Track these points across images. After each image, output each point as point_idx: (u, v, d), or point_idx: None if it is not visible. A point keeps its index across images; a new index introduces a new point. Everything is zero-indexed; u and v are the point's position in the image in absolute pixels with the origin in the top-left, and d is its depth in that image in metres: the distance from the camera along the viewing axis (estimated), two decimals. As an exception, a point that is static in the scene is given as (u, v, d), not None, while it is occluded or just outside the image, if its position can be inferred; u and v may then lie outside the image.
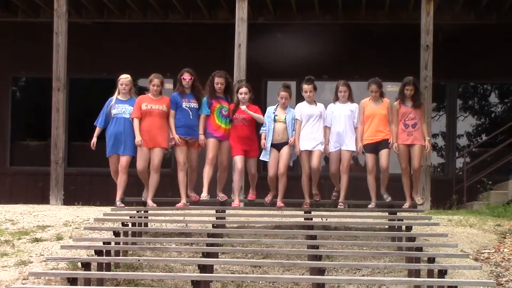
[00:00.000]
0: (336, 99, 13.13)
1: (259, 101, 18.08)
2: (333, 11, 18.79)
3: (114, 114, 12.88)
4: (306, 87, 13.03)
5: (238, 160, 12.90)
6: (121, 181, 12.82)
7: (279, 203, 12.82)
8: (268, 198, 13.02)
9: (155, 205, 12.72)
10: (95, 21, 19.49)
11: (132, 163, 12.93)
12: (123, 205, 12.82)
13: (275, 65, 19.03)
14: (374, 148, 12.90)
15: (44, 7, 18.70)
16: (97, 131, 12.96)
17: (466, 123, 20.33)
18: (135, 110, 12.77)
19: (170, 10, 19.08)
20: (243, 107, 12.81)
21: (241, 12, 15.90)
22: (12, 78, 20.76)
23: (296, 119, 12.92)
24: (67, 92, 16.57)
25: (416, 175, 13.11)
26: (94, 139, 12.89)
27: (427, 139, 13.04)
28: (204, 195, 12.83)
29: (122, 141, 12.80)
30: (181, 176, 12.84)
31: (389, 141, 12.84)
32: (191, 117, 12.81)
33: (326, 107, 13.09)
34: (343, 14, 18.85)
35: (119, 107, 12.88)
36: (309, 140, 12.87)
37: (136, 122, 12.70)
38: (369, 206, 12.95)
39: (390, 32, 19.14)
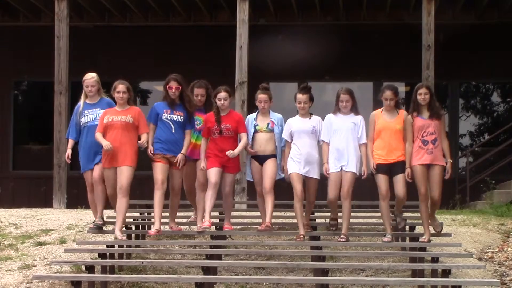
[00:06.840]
0: (338, 109, 10.91)
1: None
2: (334, 12, 18.80)
3: (84, 123, 11.15)
4: (300, 97, 10.91)
5: (213, 173, 10.83)
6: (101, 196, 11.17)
7: (267, 224, 10.88)
8: (262, 227, 10.96)
9: (124, 237, 11.01)
10: (96, 25, 19.52)
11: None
12: (101, 222, 11.25)
13: (276, 66, 19.02)
14: (387, 169, 10.77)
15: (45, 11, 18.72)
16: (70, 143, 11.28)
17: (468, 123, 20.36)
18: (99, 124, 10.96)
19: (171, 12, 19.09)
20: (230, 154, 10.75)
21: (242, 13, 15.91)
22: (14, 82, 20.81)
23: (286, 140, 10.94)
24: (69, 96, 16.59)
25: (434, 206, 10.90)
26: (69, 151, 11.20)
27: (449, 161, 10.91)
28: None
29: (99, 153, 11.06)
30: (158, 197, 10.87)
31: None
32: (172, 131, 10.94)
33: (326, 111, 11.09)
34: (344, 15, 18.86)
35: (89, 113, 11.17)
36: (302, 163, 10.85)
37: (99, 136, 10.86)
38: (385, 239, 10.86)
39: (392, 32, 19.15)
